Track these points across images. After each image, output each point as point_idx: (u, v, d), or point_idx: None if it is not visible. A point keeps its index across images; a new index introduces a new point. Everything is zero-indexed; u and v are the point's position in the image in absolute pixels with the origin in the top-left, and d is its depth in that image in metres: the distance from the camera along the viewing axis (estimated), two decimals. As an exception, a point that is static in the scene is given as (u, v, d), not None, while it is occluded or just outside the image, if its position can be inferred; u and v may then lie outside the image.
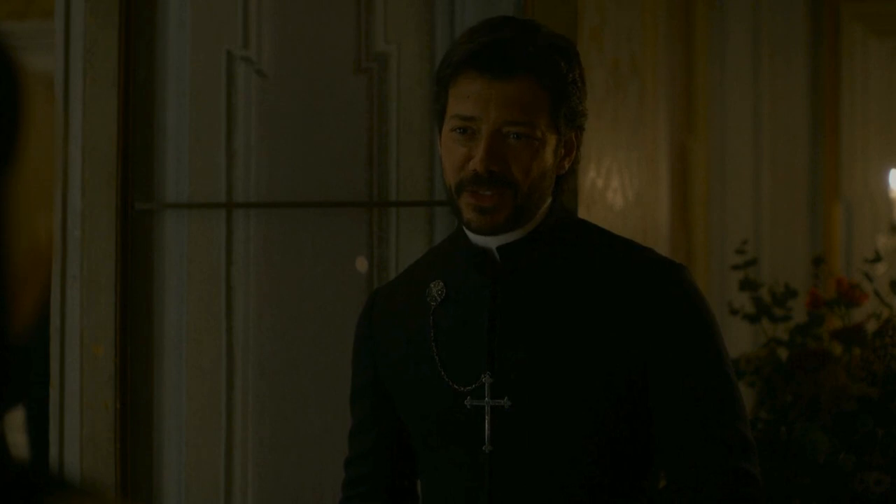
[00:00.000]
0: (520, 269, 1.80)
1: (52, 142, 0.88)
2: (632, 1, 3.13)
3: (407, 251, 2.44)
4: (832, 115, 4.73)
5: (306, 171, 2.51)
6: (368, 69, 2.50)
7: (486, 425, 1.77)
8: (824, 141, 4.68)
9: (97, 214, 2.50)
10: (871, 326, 2.79)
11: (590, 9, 2.67)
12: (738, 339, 3.73)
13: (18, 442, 3.71)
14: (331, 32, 2.51)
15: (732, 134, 4.48)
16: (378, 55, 2.50)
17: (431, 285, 1.85)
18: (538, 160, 1.75)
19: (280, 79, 2.52)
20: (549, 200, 1.82)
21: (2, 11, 4.94)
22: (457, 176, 1.76)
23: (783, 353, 2.91)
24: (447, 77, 1.78)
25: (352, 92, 2.50)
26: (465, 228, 1.82)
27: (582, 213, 2.46)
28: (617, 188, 2.91)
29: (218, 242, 2.53)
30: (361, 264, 2.48)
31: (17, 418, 3.75)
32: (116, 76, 2.50)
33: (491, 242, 1.80)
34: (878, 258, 3.06)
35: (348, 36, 2.50)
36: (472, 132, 1.75)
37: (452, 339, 1.82)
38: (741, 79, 4.50)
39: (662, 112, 3.43)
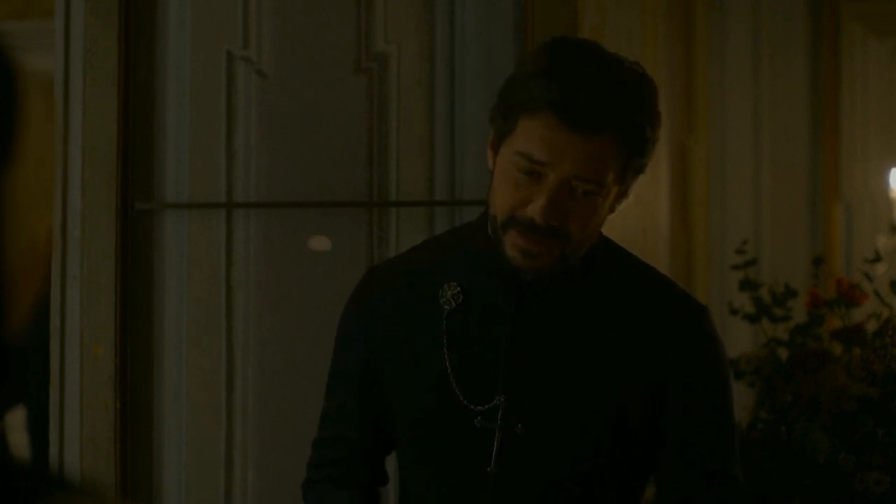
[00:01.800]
0: (546, 292, 1.75)
1: (50, 141, 0.88)
2: (632, 1, 3.13)
3: (407, 251, 2.44)
4: (832, 115, 4.73)
5: (306, 171, 2.51)
6: (368, 69, 2.50)
7: (495, 448, 1.73)
8: (824, 141, 4.68)
9: (97, 214, 2.50)
10: (871, 326, 2.79)
11: (590, 9, 2.66)
12: (738, 339, 3.73)
13: (19, 442, 3.71)
14: (331, 32, 2.51)
15: (732, 134, 4.47)
16: (378, 55, 2.50)
17: (445, 287, 1.78)
18: (597, 215, 1.70)
19: (280, 79, 2.52)
20: None
21: (2, 11, 4.94)
22: (510, 212, 1.68)
23: (783, 353, 2.91)
24: (522, 107, 1.66)
25: (352, 92, 2.50)
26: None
27: (582, 213, 2.46)
28: (617, 188, 2.91)
29: (218, 242, 2.53)
30: (319, 243, 2.47)
31: (17, 418, 3.75)
32: (116, 76, 2.50)
33: None
34: (878, 258, 3.06)
35: (348, 36, 2.50)
36: (537, 175, 1.66)
37: (467, 352, 1.76)
38: (741, 79, 4.49)
39: (662, 112, 3.42)
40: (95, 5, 2.50)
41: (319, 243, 2.48)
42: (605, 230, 1.91)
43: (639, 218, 3.15)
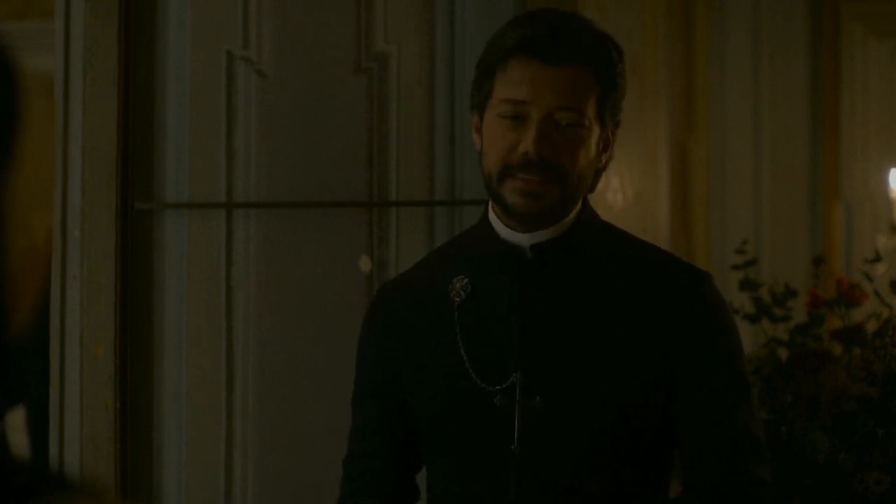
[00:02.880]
0: (550, 267, 1.78)
1: (50, 141, 0.88)
2: (632, 1, 3.13)
3: (407, 251, 2.44)
4: (832, 115, 4.73)
5: (306, 171, 2.51)
6: (368, 69, 2.50)
7: (517, 425, 1.75)
8: (824, 141, 4.68)
9: (97, 214, 2.50)
10: (871, 326, 2.79)
11: (589, 8, 2.66)
12: (739, 339, 3.72)
13: (19, 442, 3.71)
14: (331, 32, 2.51)
15: (732, 134, 4.47)
16: (378, 55, 2.50)
17: (454, 281, 1.82)
18: (585, 149, 1.75)
19: (280, 79, 2.52)
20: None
21: (2, 11, 4.94)
22: (503, 161, 1.74)
23: (783, 353, 2.91)
24: (496, 62, 1.76)
25: (352, 92, 2.50)
26: (493, 223, 1.80)
27: (582, 213, 2.46)
28: (617, 188, 2.91)
29: (218, 242, 2.53)
30: (365, 264, 2.48)
31: (17, 418, 3.75)
32: (116, 76, 2.50)
33: (523, 240, 1.78)
34: (878, 258, 3.06)
35: (348, 36, 2.50)
36: (521, 118, 1.73)
37: (480, 337, 1.79)
38: (741, 79, 4.49)
39: (662, 112, 3.42)
40: (95, 5, 2.50)
41: (364, 264, 2.48)
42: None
43: (639, 218, 3.15)
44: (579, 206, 1.81)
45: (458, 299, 1.81)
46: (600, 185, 2.77)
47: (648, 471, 1.81)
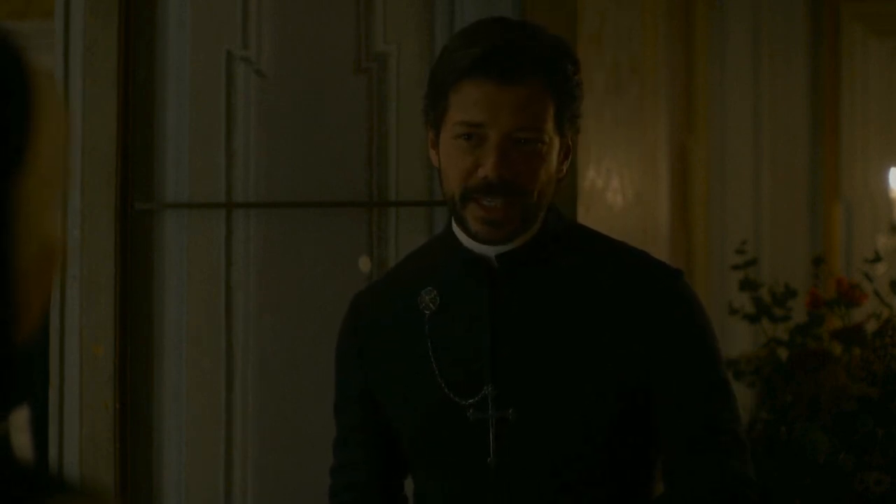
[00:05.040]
0: (518, 276, 1.77)
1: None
2: (632, 1, 3.13)
3: (407, 251, 2.43)
4: (832, 115, 4.73)
5: (306, 171, 2.51)
6: (368, 69, 2.50)
7: (491, 438, 1.75)
8: (824, 141, 4.68)
9: (97, 214, 2.50)
10: (871, 326, 2.79)
11: (589, 9, 2.66)
12: (738, 339, 3.73)
13: (22, 443, 3.71)
14: (331, 32, 2.51)
15: (732, 134, 4.47)
16: (378, 55, 2.50)
17: (423, 293, 1.80)
18: (546, 165, 1.72)
19: (280, 79, 2.52)
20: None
21: (2, 11, 4.94)
22: (463, 184, 1.71)
23: (783, 353, 2.91)
24: (449, 82, 1.72)
25: (352, 92, 2.50)
26: (458, 235, 1.78)
27: (581, 214, 2.46)
28: (617, 188, 2.91)
29: (218, 242, 2.53)
30: (365, 264, 2.48)
31: (21, 418, 3.75)
32: (116, 76, 2.50)
33: (489, 250, 1.77)
34: (878, 258, 3.06)
35: (348, 36, 2.50)
36: (478, 139, 1.70)
37: (451, 350, 1.78)
38: (741, 79, 4.49)
39: (662, 112, 3.42)
40: (95, 5, 2.50)
41: (364, 264, 2.48)
42: (605, 231, 1.91)
43: (639, 218, 3.15)
44: (544, 212, 1.78)
45: (427, 312, 1.80)
46: (600, 185, 2.77)
47: (631, 474, 1.79)
